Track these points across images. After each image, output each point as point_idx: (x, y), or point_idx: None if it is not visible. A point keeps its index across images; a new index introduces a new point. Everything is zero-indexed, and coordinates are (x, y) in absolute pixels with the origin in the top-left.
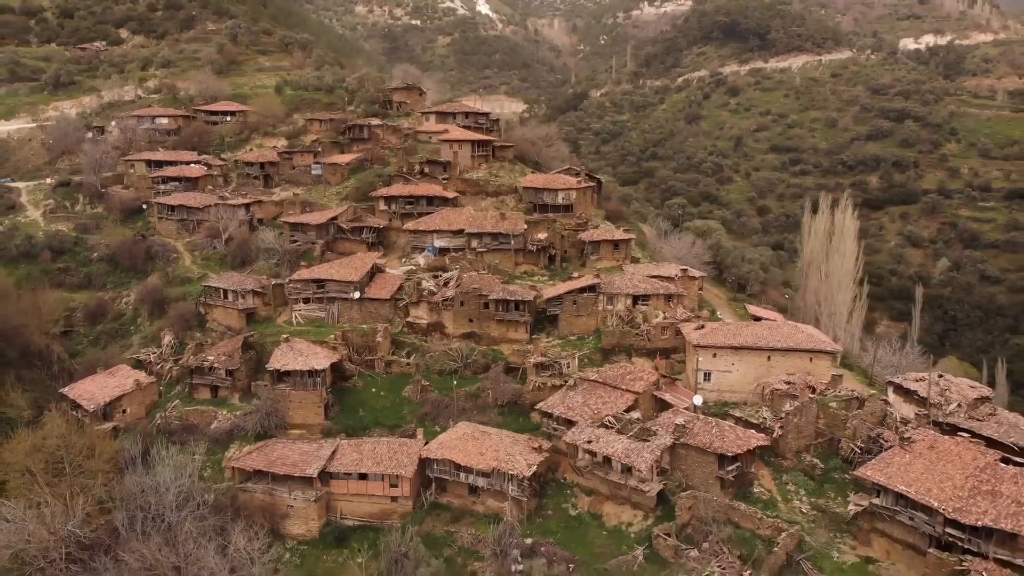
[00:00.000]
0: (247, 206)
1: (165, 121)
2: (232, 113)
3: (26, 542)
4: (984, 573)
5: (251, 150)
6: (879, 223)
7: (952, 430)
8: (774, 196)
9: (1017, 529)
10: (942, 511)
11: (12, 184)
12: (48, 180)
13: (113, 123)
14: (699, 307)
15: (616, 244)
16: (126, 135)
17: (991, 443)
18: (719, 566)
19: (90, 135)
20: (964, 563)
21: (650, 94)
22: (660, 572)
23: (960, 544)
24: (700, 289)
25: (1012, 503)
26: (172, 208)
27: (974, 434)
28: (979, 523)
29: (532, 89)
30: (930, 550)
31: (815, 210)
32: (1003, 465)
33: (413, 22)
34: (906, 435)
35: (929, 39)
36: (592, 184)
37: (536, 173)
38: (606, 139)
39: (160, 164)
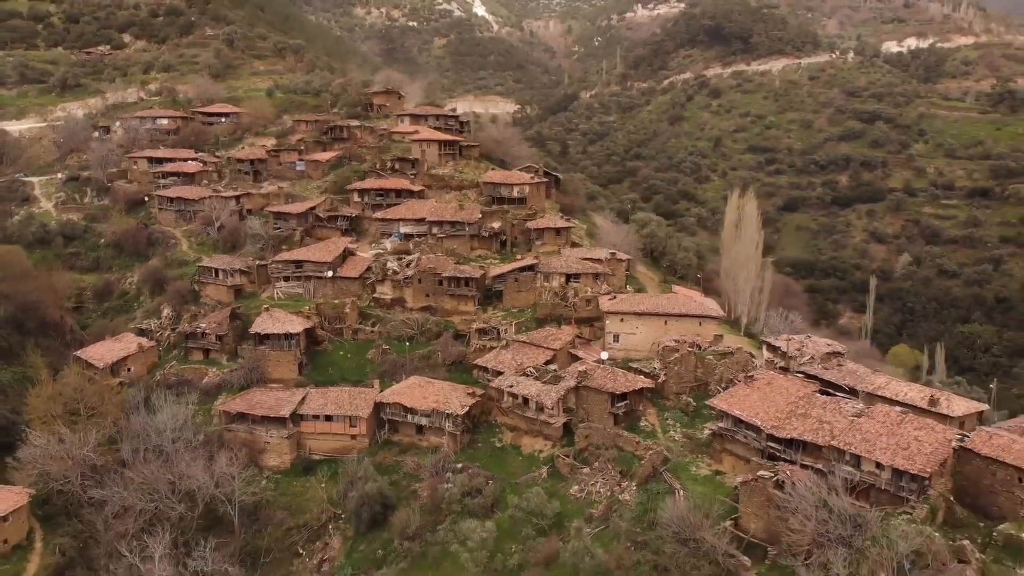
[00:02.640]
0: (237, 198)
1: (165, 122)
2: (227, 115)
3: (49, 464)
4: (788, 472)
5: (243, 148)
6: (847, 220)
7: (806, 376)
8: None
9: (816, 440)
10: (764, 428)
11: (26, 179)
12: (59, 175)
13: (117, 123)
14: (626, 285)
15: (558, 231)
16: (129, 134)
17: (828, 384)
18: (603, 478)
19: (96, 134)
20: (775, 467)
21: (637, 96)
22: (558, 484)
23: (779, 455)
24: (627, 270)
25: (816, 422)
26: (171, 200)
27: (807, 375)
28: (788, 436)
29: (526, 90)
30: (754, 459)
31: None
32: (819, 395)
33: (410, 24)
34: (750, 375)
35: (912, 42)
36: (546, 180)
37: (497, 170)
38: (593, 139)
39: (160, 161)
